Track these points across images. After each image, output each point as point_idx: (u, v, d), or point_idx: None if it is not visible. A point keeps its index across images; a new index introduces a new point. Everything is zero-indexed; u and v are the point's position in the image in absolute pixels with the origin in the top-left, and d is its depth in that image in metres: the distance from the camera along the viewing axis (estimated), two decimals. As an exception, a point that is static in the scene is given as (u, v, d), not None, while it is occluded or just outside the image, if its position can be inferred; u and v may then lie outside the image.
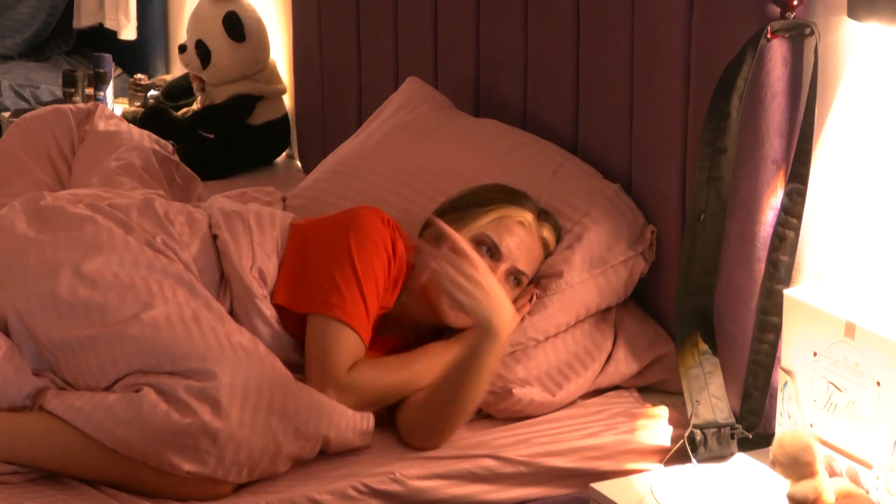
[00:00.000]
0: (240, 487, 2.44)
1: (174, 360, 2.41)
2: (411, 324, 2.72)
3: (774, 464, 2.28)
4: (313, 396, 2.46)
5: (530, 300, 2.74)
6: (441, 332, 2.71)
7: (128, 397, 2.38)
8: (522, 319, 2.72)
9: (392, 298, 2.69)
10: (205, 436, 2.34)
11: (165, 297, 2.52)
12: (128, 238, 2.61)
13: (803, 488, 2.25)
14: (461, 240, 2.58)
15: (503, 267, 2.69)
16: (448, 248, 2.58)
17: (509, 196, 2.77)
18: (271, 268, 2.68)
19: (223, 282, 2.67)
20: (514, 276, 2.71)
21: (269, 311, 2.63)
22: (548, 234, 2.78)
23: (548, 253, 2.79)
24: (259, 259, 2.68)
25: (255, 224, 2.74)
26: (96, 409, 2.38)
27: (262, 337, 2.59)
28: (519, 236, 2.72)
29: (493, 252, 2.70)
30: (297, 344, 2.64)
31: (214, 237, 2.71)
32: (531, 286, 2.76)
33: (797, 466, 2.25)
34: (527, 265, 2.73)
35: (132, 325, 2.46)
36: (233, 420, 2.35)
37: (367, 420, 2.53)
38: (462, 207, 2.76)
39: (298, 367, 2.59)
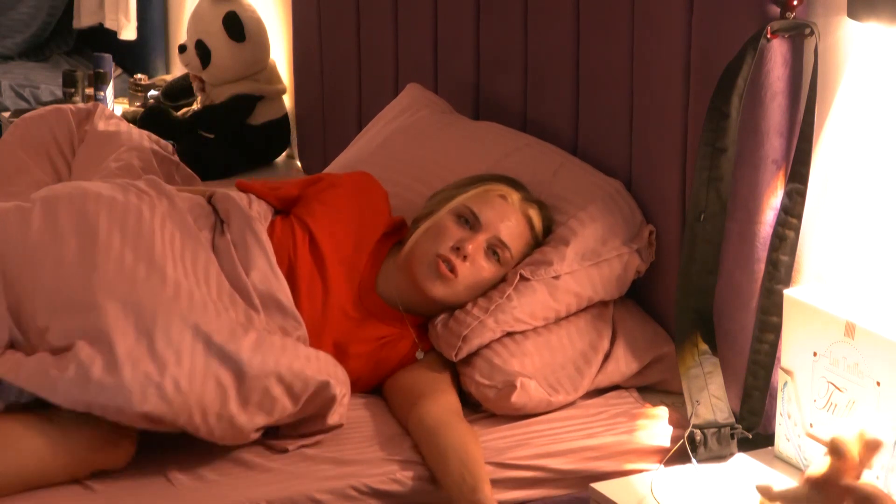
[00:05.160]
0: (239, 486, 2.44)
1: (143, 316, 2.42)
2: (398, 294, 2.74)
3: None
4: (260, 338, 2.46)
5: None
6: (432, 301, 2.74)
7: (66, 356, 2.38)
8: None
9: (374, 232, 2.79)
10: (151, 385, 2.34)
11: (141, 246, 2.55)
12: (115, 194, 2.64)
13: (820, 469, 2.20)
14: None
15: (482, 237, 2.70)
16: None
17: (498, 177, 2.81)
18: (269, 213, 2.78)
19: (218, 223, 2.71)
20: (494, 249, 2.72)
21: (267, 245, 2.66)
22: (534, 213, 2.78)
23: (535, 235, 2.79)
24: (256, 203, 2.76)
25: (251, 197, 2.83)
26: (38, 370, 2.37)
27: (259, 269, 2.62)
28: (499, 208, 2.73)
29: (471, 223, 2.71)
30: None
31: (209, 199, 2.78)
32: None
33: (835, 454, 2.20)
34: (508, 237, 2.73)
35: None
36: (183, 366, 2.36)
37: (320, 353, 2.54)
38: (452, 188, 2.81)
39: (288, 309, 2.61)
